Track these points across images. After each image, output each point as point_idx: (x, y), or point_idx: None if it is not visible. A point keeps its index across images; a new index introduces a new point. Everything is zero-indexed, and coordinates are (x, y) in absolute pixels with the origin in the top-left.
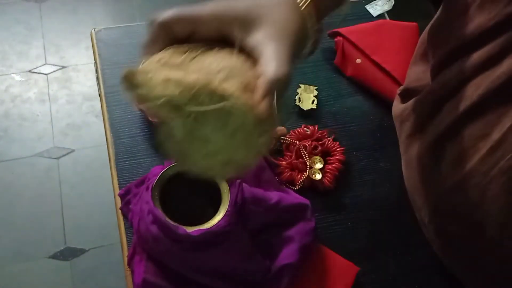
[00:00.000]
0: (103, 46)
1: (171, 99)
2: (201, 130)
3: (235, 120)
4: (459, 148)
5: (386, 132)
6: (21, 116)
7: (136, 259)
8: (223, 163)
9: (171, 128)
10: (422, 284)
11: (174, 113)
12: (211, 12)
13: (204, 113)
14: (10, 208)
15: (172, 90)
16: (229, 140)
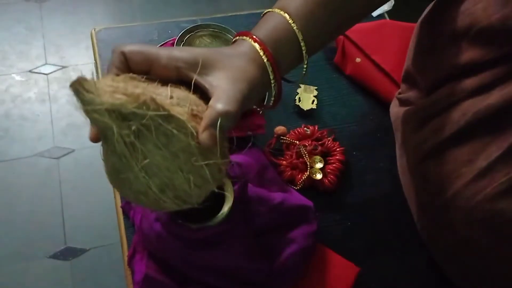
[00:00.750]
0: (103, 46)
1: (115, 106)
2: (142, 145)
3: (177, 142)
4: (444, 170)
5: (386, 132)
6: (22, 116)
7: (137, 257)
8: (159, 187)
9: (110, 140)
10: (422, 284)
11: (116, 122)
12: (171, 52)
13: (147, 128)
14: (10, 208)
15: (118, 98)
16: (169, 161)
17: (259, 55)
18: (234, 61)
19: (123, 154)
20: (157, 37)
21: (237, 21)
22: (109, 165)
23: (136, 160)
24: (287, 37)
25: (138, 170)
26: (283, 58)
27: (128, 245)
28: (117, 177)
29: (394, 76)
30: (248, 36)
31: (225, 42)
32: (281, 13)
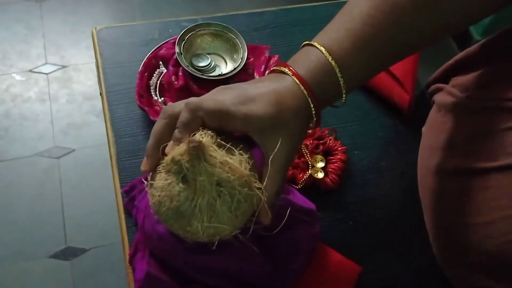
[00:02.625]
0: (104, 45)
1: (221, 180)
2: (219, 206)
3: (243, 208)
4: (483, 194)
5: (388, 131)
6: (22, 116)
7: (138, 256)
8: (210, 235)
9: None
10: (424, 283)
11: (214, 186)
12: (244, 119)
13: (231, 196)
14: (10, 207)
15: (227, 174)
16: (231, 220)
17: (303, 93)
18: (291, 128)
19: (199, 207)
20: (158, 36)
21: (238, 20)
22: (171, 199)
23: (206, 214)
24: (330, 82)
25: (201, 220)
26: (322, 97)
27: (129, 245)
28: (173, 212)
29: (396, 73)
30: (290, 71)
31: (226, 41)
32: (321, 49)
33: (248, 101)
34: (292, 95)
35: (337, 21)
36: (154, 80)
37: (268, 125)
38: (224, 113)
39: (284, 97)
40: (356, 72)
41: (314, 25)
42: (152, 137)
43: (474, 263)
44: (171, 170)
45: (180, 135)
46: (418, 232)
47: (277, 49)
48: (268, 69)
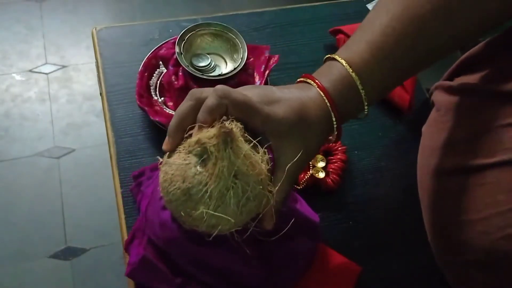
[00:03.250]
0: (104, 45)
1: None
2: (229, 198)
3: (250, 205)
4: (479, 190)
5: (387, 131)
6: (22, 116)
7: (135, 243)
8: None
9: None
10: (424, 283)
11: (230, 176)
12: (265, 118)
13: (243, 190)
14: (10, 207)
15: (247, 167)
16: (236, 215)
17: (326, 104)
18: (312, 131)
19: (210, 193)
20: (158, 36)
21: (238, 20)
22: (184, 179)
23: (214, 203)
24: (352, 95)
25: (207, 207)
26: (344, 109)
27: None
28: (182, 193)
29: None
30: (315, 82)
31: (226, 41)
32: (342, 62)
33: (273, 102)
34: (315, 106)
35: (358, 34)
36: (154, 80)
37: (287, 130)
38: (249, 107)
39: (307, 106)
40: (378, 83)
41: (314, 25)
42: (175, 117)
43: (472, 260)
44: (193, 151)
45: (203, 119)
46: (418, 232)
47: (277, 49)
48: (268, 69)
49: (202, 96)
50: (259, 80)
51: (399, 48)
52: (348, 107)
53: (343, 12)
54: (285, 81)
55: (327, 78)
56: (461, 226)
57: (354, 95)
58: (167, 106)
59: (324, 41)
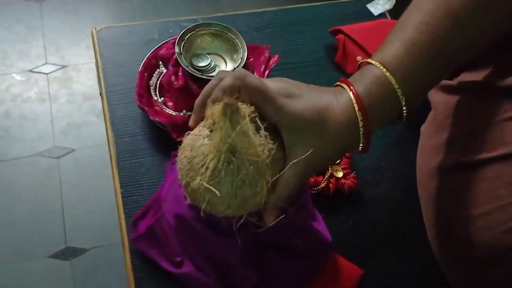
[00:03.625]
0: (104, 45)
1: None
2: (224, 175)
3: (245, 191)
4: (479, 186)
5: (388, 131)
6: (22, 116)
7: (147, 217)
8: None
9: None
10: (424, 283)
11: (226, 148)
12: (278, 109)
13: (238, 169)
14: (10, 207)
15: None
16: (229, 196)
17: (355, 113)
18: (329, 135)
19: (206, 165)
20: (158, 36)
21: (238, 20)
22: (191, 149)
23: (209, 176)
24: (388, 98)
25: (203, 179)
26: (378, 117)
27: (129, 245)
28: (187, 161)
29: None
30: (349, 88)
31: (226, 41)
32: (375, 63)
33: (293, 96)
34: (342, 111)
35: (390, 36)
36: (154, 80)
37: (300, 126)
38: (262, 93)
39: (332, 110)
40: (415, 81)
41: (314, 25)
42: (200, 95)
43: (474, 257)
44: (206, 124)
45: (215, 96)
46: (418, 232)
47: (277, 49)
48: (268, 69)
49: (225, 76)
50: None
51: (435, 43)
52: (383, 110)
53: (343, 12)
54: None
55: (361, 81)
56: (462, 222)
57: (390, 95)
58: (167, 106)
59: (324, 41)
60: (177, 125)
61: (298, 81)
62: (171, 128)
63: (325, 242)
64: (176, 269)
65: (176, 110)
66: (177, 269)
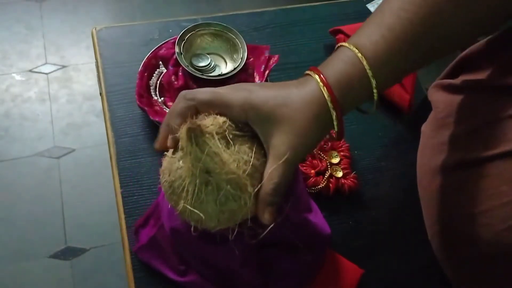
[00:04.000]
0: (104, 45)
1: (209, 168)
2: (205, 195)
3: (231, 205)
4: (480, 183)
5: (387, 131)
6: (22, 116)
7: (148, 226)
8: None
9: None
10: (424, 283)
11: (201, 173)
12: (241, 106)
13: (218, 188)
14: (10, 207)
15: (215, 164)
16: (215, 213)
17: (325, 98)
18: (297, 120)
19: (186, 188)
20: (158, 36)
21: (238, 20)
22: (169, 173)
23: (191, 198)
24: (358, 78)
25: (187, 202)
26: (350, 99)
27: (129, 245)
28: (168, 185)
29: None
30: (317, 74)
31: (226, 41)
32: (346, 45)
33: (249, 89)
34: (308, 90)
35: (368, 19)
36: (154, 80)
37: (267, 114)
38: (217, 101)
39: (296, 92)
40: (388, 64)
41: (314, 25)
42: (163, 123)
43: (475, 255)
44: (179, 146)
45: (173, 123)
46: (418, 232)
47: (277, 49)
48: (268, 69)
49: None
50: (259, 80)
51: (412, 30)
52: (352, 89)
53: (343, 12)
54: (284, 81)
55: (332, 65)
56: (464, 220)
57: (359, 75)
58: (167, 106)
59: (324, 41)
60: None
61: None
62: None
63: (323, 234)
64: (181, 277)
65: None
66: (182, 277)
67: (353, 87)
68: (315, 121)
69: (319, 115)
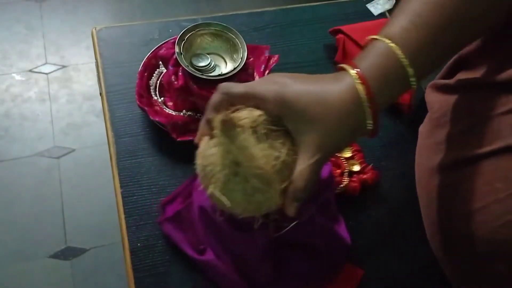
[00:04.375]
0: (104, 45)
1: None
2: (234, 184)
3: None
4: (476, 181)
5: (387, 132)
6: (22, 116)
7: (175, 203)
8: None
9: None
10: (424, 282)
11: (231, 166)
12: (274, 100)
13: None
14: (10, 207)
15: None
16: (244, 201)
17: (359, 93)
18: (332, 115)
19: (216, 175)
20: (158, 36)
21: (238, 20)
22: (203, 158)
23: (220, 185)
24: (394, 70)
25: (215, 188)
26: (386, 92)
27: (129, 245)
28: (201, 169)
29: None
30: (353, 69)
31: (226, 41)
32: (377, 37)
33: (282, 83)
34: (343, 87)
35: (396, 11)
36: (154, 80)
37: (300, 111)
38: (250, 95)
39: (331, 89)
40: (422, 51)
41: (314, 25)
42: (205, 114)
43: (473, 253)
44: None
45: (208, 116)
46: (418, 232)
47: (277, 49)
48: (268, 69)
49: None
50: None
51: (440, 15)
52: (389, 83)
53: (343, 12)
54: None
55: (363, 58)
56: (462, 218)
57: (395, 67)
58: (167, 106)
59: (324, 41)
60: (177, 125)
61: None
62: (171, 128)
63: (343, 243)
64: (199, 256)
65: (176, 110)
66: (200, 256)
67: (389, 80)
68: (348, 121)
69: (353, 113)
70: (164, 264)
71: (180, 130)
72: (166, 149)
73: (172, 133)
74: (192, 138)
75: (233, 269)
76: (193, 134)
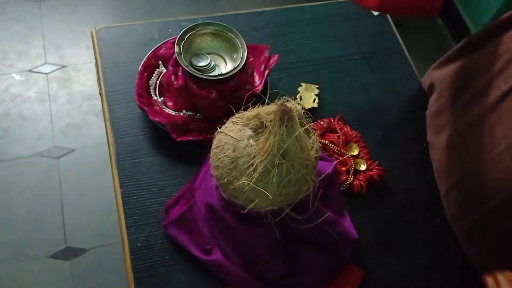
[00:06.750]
0: (104, 45)
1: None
2: (272, 176)
3: (291, 191)
4: (497, 128)
5: (388, 131)
6: (21, 116)
7: (179, 205)
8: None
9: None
10: (424, 282)
11: (276, 153)
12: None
13: (287, 171)
14: (10, 207)
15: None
16: (274, 194)
17: None
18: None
19: (255, 166)
20: (158, 36)
21: (238, 19)
22: (234, 149)
23: (257, 176)
24: None
25: (249, 180)
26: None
27: (129, 245)
28: (230, 161)
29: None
30: None
31: (225, 41)
32: None
33: None
34: None
35: None
36: (153, 80)
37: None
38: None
39: None
40: None
41: (314, 25)
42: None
43: (486, 208)
44: (249, 125)
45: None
46: (419, 232)
47: (277, 48)
48: (267, 69)
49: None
50: (259, 80)
51: None
52: None
53: (343, 12)
54: (284, 80)
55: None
56: (484, 168)
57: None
58: (166, 106)
59: (324, 41)
60: (177, 125)
61: (297, 80)
62: (171, 128)
63: (350, 237)
64: (206, 256)
65: (175, 110)
66: (207, 256)
67: None
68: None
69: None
70: (164, 264)
71: (180, 130)
72: (166, 149)
73: (172, 133)
74: (192, 138)
75: (241, 266)
76: (192, 134)
